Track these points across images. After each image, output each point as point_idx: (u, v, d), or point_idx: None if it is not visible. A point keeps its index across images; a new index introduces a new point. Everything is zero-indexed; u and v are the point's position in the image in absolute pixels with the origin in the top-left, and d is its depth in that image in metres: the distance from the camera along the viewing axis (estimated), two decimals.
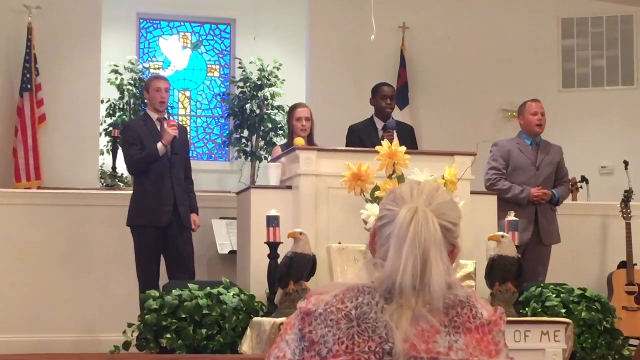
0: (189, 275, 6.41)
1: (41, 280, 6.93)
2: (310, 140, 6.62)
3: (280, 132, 10.42)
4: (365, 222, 5.38)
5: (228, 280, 5.66)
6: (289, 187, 5.88)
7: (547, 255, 6.98)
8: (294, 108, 6.86)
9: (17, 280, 6.91)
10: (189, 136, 7.21)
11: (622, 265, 7.60)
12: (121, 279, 6.89)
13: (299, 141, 6.32)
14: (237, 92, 10.75)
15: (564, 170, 7.17)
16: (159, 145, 6.43)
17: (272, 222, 5.42)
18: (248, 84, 10.61)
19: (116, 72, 10.20)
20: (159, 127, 6.56)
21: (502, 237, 5.56)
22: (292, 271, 5.26)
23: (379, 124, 7.06)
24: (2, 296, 6.85)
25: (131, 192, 6.65)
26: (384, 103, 7.08)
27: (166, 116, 6.73)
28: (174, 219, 6.44)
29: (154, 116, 6.66)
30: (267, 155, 10.25)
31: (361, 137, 6.87)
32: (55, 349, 6.71)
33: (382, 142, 5.64)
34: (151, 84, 6.76)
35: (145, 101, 10.16)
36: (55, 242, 7.02)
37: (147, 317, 5.37)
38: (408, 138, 7.00)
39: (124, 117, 10.09)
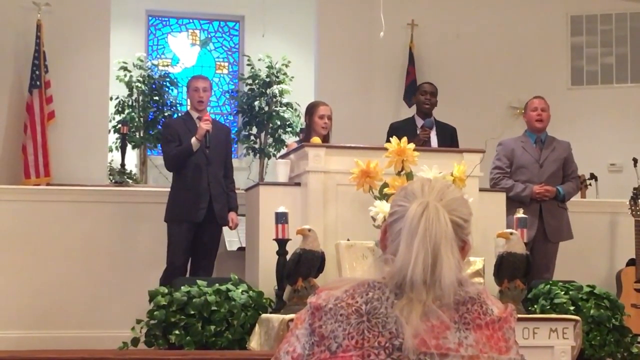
0: (209, 273, 6.44)
1: (49, 276, 6.94)
2: (326, 140, 6.57)
3: (289, 130, 10.42)
4: (374, 219, 5.37)
5: (236, 277, 5.66)
6: (298, 184, 5.88)
7: (554, 252, 6.97)
8: (316, 105, 6.80)
9: (25, 276, 6.93)
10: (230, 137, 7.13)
11: (631, 262, 7.59)
12: (130, 275, 6.91)
13: (316, 140, 6.29)
14: (246, 89, 10.75)
15: (571, 166, 7.15)
16: (193, 139, 6.44)
17: (281, 218, 5.42)
18: (256, 81, 10.60)
19: (125, 69, 10.22)
20: (198, 126, 6.54)
21: (511, 234, 5.56)
22: (301, 268, 5.27)
23: (419, 122, 7.19)
24: (10, 292, 6.87)
25: (138, 189, 6.67)
26: (423, 98, 7.37)
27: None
28: (208, 216, 6.46)
29: (194, 115, 6.68)
30: (275, 152, 10.25)
31: (399, 135, 6.89)
32: (64, 345, 6.72)
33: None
34: (190, 84, 6.81)
35: (155, 98, 10.30)
36: (64, 238, 7.02)
37: (155, 313, 5.38)
38: (448, 138, 7.15)
39: (133, 114, 10.11)
